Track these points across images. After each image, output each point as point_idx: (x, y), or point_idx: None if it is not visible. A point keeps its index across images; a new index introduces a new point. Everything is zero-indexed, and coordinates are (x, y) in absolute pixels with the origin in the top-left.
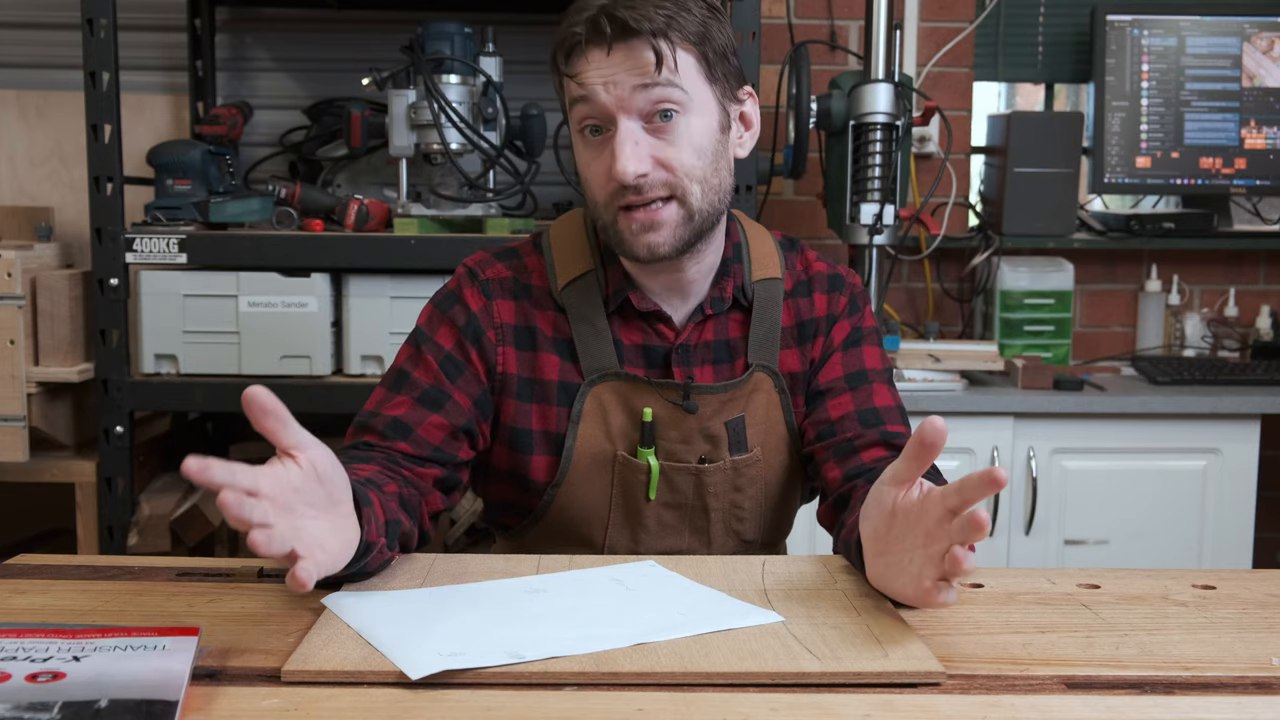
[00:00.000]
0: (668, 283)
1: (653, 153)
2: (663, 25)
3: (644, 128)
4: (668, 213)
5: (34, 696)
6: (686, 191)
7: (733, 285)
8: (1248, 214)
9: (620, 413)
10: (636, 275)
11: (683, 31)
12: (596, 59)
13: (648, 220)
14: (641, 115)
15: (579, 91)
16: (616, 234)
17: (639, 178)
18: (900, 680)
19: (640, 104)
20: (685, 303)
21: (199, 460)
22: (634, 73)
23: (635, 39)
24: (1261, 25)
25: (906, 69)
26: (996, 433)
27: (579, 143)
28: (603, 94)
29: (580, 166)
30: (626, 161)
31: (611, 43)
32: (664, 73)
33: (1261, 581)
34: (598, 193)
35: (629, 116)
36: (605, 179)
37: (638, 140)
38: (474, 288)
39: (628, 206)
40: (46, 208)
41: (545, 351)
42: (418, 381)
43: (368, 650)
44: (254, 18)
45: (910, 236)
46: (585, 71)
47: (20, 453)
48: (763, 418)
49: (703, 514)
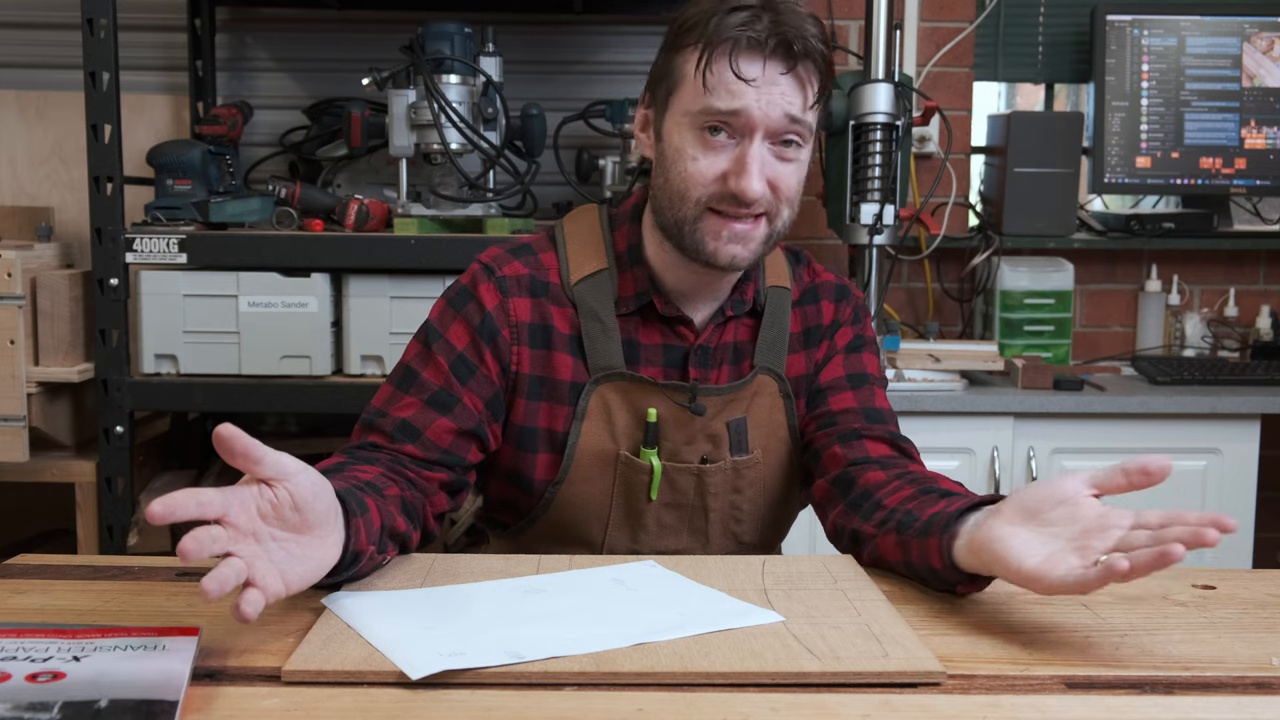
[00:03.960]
0: (699, 285)
1: (768, 174)
2: (819, 57)
3: (770, 148)
4: (759, 230)
5: (34, 696)
6: (779, 215)
7: (754, 289)
8: (1248, 214)
9: (625, 412)
10: (666, 278)
11: (824, 68)
12: (771, 72)
13: (742, 233)
14: (774, 138)
15: (728, 95)
16: (696, 233)
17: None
18: (900, 680)
19: (781, 129)
20: (709, 305)
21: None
22: (790, 99)
23: (803, 66)
24: (1261, 25)
25: (906, 69)
26: (996, 433)
27: (690, 135)
28: (755, 108)
29: (680, 158)
30: (754, 181)
31: (794, 65)
32: (811, 106)
33: (1261, 581)
34: (693, 189)
35: (767, 137)
36: (712, 181)
37: (764, 162)
38: (490, 284)
39: (721, 212)
40: (46, 208)
41: (559, 350)
42: (427, 382)
43: (368, 650)
44: (254, 18)
45: (910, 236)
46: (758, 78)
47: (20, 453)
48: (765, 421)
49: (702, 514)
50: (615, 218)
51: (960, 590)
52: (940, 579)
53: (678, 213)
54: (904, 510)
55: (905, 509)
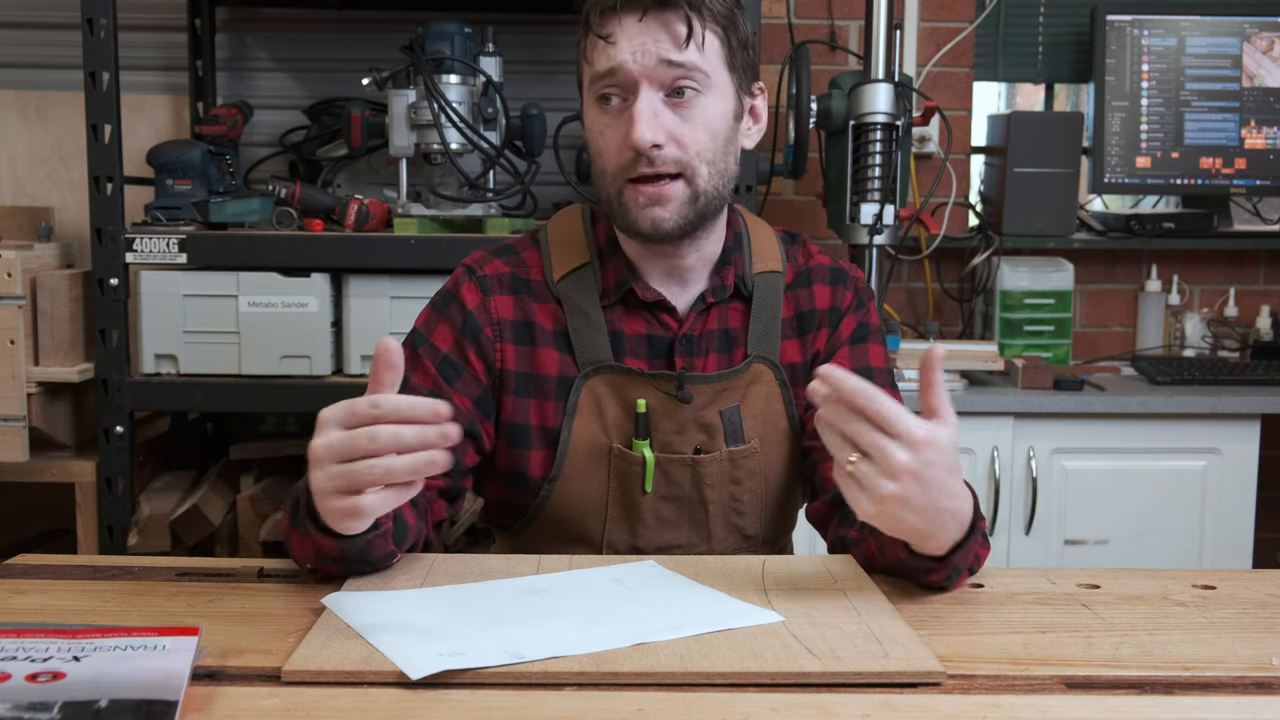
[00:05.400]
0: (667, 269)
1: (669, 127)
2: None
3: (664, 100)
4: (675, 189)
5: (34, 696)
6: (695, 171)
7: (734, 274)
8: (1248, 214)
9: (615, 405)
10: (638, 262)
11: (713, 11)
12: (629, 23)
13: (655, 194)
14: (663, 88)
15: (604, 57)
16: (622, 207)
17: (654, 148)
18: (900, 680)
19: (664, 76)
20: (685, 291)
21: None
22: (664, 42)
23: (670, 9)
24: (1261, 25)
25: (906, 69)
26: (996, 433)
27: (593, 111)
28: (629, 61)
29: (592, 136)
30: (644, 129)
31: (647, 8)
32: (690, 48)
33: (1261, 581)
34: (609, 162)
35: (651, 87)
36: (619, 148)
37: (657, 111)
38: (471, 284)
39: (637, 180)
40: (46, 208)
41: (544, 346)
42: (416, 387)
43: (368, 650)
44: (254, 18)
45: (910, 236)
46: (616, 33)
47: (20, 453)
48: (762, 410)
49: (701, 507)
50: (596, 213)
51: (934, 580)
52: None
53: (605, 191)
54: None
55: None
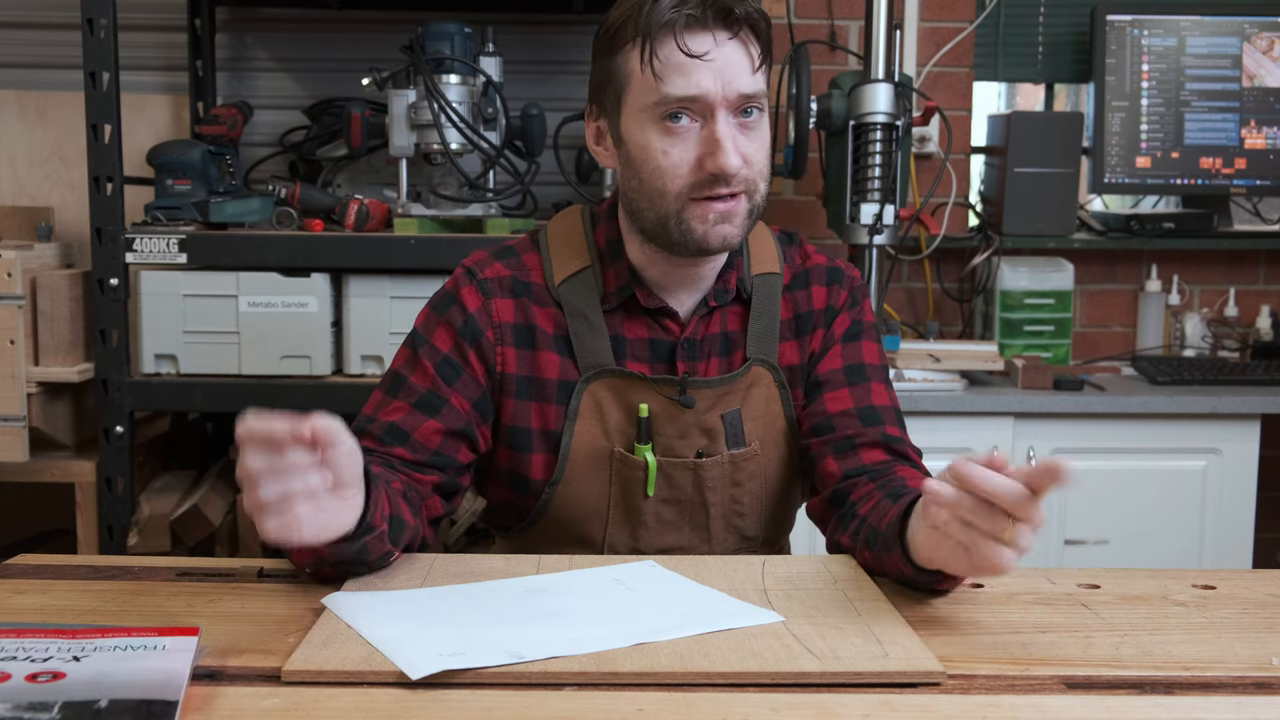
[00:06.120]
0: (682, 277)
1: (741, 149)
2: (759, 18)
3: (736, 123)
4: (740, 206)
5: (34, 696)
6: (756, 189)
7: (735, 277)
8: (1248, 214)
9: (617, 409)
10: (647, 271)
11: (763, 33)
12: (706, 43)
13: (727, 212)
14: (734, 110)
15: (683, 81)
16: (683, 224)
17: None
18: (900, 680)
19: (740, 100)
20: (691, 296)
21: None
22: (742, 67)
23: (740, 31)
24: (1261, 25)
25: (906, 69)
26: (996, 433)
27: (653, 130)
28: (712, 85)
29: (648, 153)
30: (731, 156)
31: (716, 30)
32: (760, 70)
33: (1261, 581)
34: (672, 182)
35: (728, 111)
36: (691, 168)
37: (734, 135)
38: (472, 286)
39: (702, 197)
40: (46, 208)
41: (545, 349)
42: (414, 386)
43: (368, 650)
44: (254, 18)
45: (910, 236)
46: (692, 53)
47: (20, 453)
48: (762, 412)
49: (702, 510)
50: (596, 215)
51: (943, 587)
52: (920, 584)
53: (660, 210)
54: (869, 526)
55: (868, 523)
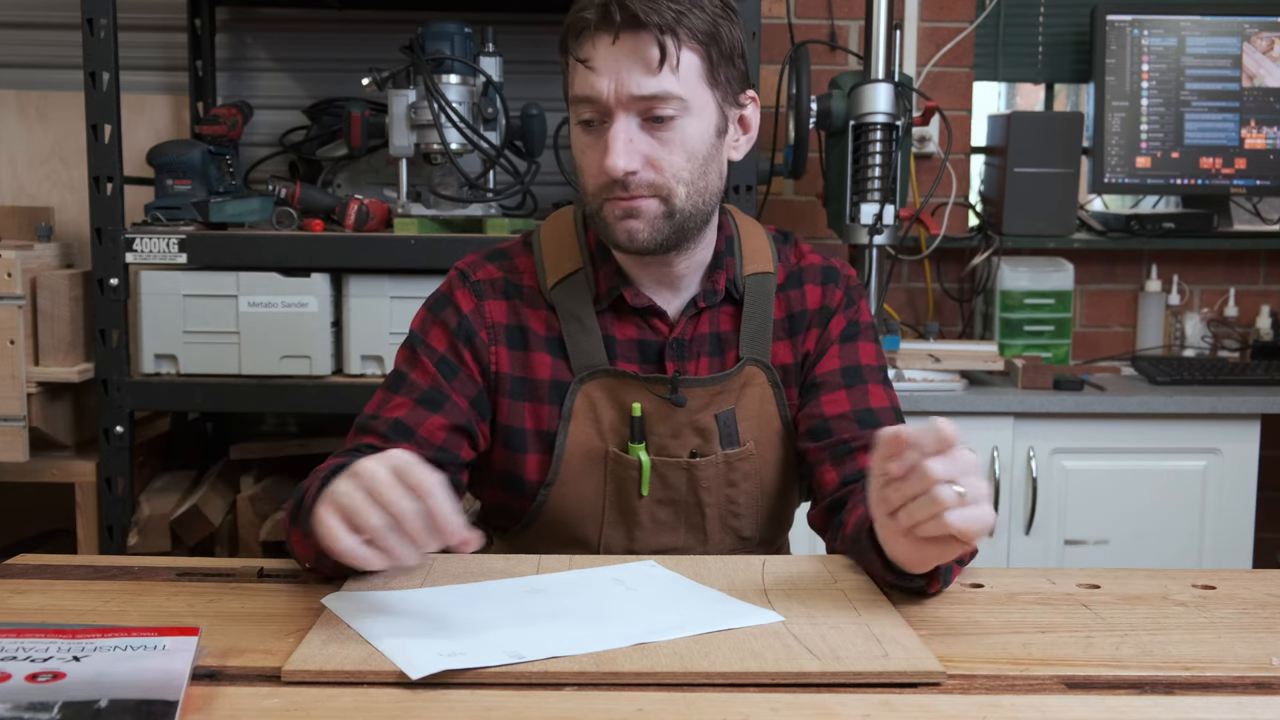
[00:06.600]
0: (657, 276)
1: (644, 152)
2: (671, 21)
3: (640, 125)
4: (649, 205)
5: (34, 696)
6: (672, 192)
7: (725, 278)
8: (1248, 214)
9: (611, 409)
10: (629, 269)
11: (691, 29)
12: (602, 46)
13: (630, 208)
14: (639, 113)
15: (582, 83)
16: (601, 221)
17: (627, 174)
18: (900, 680)
19: (639, 105)
20: (677, 296)
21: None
22: (636, 67)
23: (642, 31)
24: (1261, 25)
25: (906, 69)
26: (996, 433)
27: (576, 132)
28: (604, 87)
29: (575, 154)
30: (617, 158)
31: (619, 31)
32: (665, 71)
33: (1261, 581)
34: (590, 180)
35: (626, 113)
36: (597, 170)
37: (631, 138)
38: (465, 289)
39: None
40: (46, 208)
41: (537, 350)
42: (416, 383)
43: (368, 650)
44: (254, 18)
45: (910, 236)
46: (592, 58)
47: (20, 453)
48: (756, 412)
49: (697, 510)
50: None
51: (932, 590)
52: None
53: (588, 208)
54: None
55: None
